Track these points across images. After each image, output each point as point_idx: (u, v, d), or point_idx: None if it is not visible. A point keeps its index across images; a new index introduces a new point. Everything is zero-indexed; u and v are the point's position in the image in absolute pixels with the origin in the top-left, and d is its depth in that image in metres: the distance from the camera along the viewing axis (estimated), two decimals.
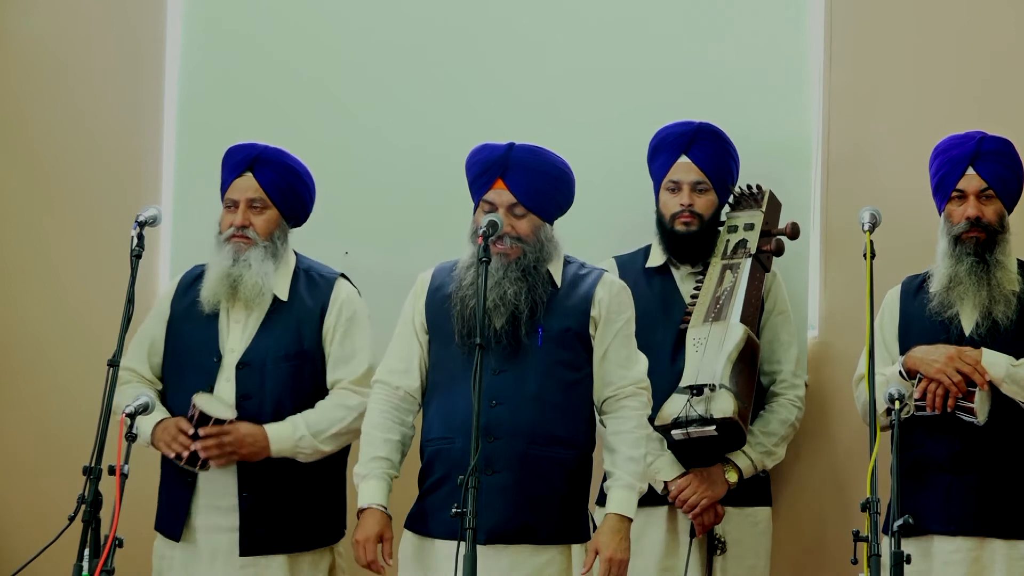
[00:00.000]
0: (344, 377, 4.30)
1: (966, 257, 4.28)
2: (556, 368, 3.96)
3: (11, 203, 5.29)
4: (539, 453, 3.91)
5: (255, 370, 4.25)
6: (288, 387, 4.26)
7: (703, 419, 4.27)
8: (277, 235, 4.35)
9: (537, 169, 4.05)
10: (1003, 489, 4.21)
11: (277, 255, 4.33)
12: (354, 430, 4.24)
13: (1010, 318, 4.26)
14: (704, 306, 4.51)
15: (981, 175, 4.30)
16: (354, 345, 4.32)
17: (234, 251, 4.28)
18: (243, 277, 4.26)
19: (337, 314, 4.33)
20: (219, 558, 4.20)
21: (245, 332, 4.29)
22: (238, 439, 4.13)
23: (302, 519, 4.26)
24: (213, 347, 4.28)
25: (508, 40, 5.08)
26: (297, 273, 4.38)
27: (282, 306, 4.32)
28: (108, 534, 3.56)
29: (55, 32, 5.32)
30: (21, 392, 5.22)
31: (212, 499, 4.21)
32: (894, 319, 4.41)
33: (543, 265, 4.02)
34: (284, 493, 4.23)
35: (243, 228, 4.30)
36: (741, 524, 4.53)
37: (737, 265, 4.55)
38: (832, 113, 4.95)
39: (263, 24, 5.19)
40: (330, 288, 4.37)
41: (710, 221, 4.61)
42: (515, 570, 3.88)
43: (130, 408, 3.87)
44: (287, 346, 4.28)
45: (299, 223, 4.47)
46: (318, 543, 4.29)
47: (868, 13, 4.97)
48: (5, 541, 5.16)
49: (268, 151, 4.40)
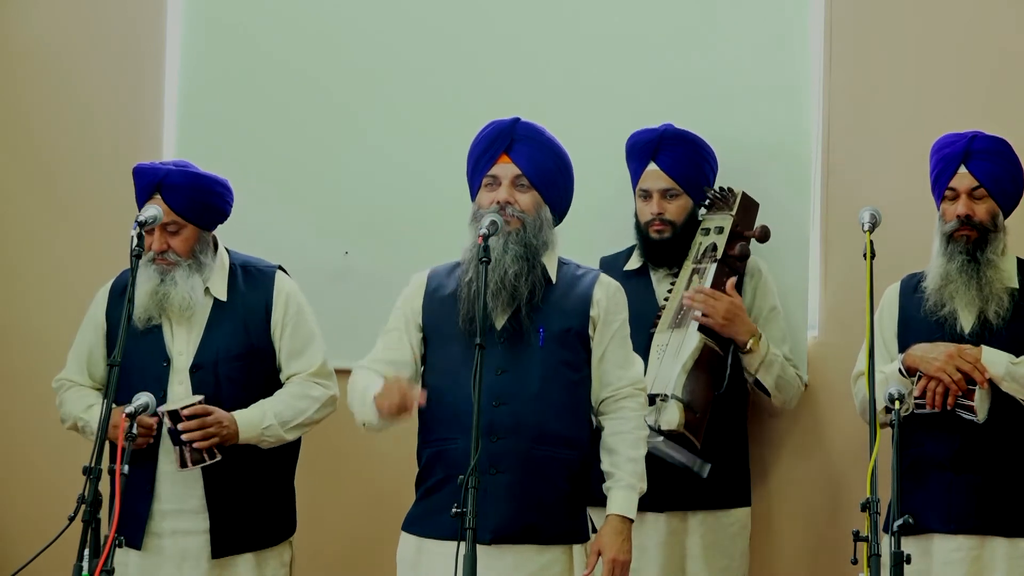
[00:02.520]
0: (302, 370, 4.35)
1: (957, 255, 4.29)
2: (558, 368, 3.95)
3: (11, 203, 5.30)
4: (543, 453, 3.91)
5: (208, 372, 4.27)
6: (243, 385, 4.29)
7: (653, 430, 4.29)
8: (198, 249, 4.35)
9: (541, 144, 4.06)
10: (1003, 487, 4.21)
11: (203, 266, 4.34)
12: (315, 420, 4.34)
13: (1003, 317, 4.25)
14: (671, 311, 4.52)
15: (973, 173, 4.30)
16: (305, 338, 4.37)
17: (159, 271, 4.30)
18: (170, 295, 4.28)
19: (284, 308, 4.37)
20: (188, 561, 4.22)
21: (192, 334, 4.31)
22: (217, 419, 4.16)
23: (265, 516, 4.31)
24: (161, 352, 4.29)
25: (507, 43, 5.08)
26: (233, 270, 4.40)
27: (224, 306, 4.34)
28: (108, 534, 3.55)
29: (55, 32, 5.32)
30: (21, 392, 5.22)
31: (177, 503, 4.22)
32: (893, 317, 4.41)
33: (542, 249, 4.01)
34: (247, 492, 4.27)
35: (162, 252, 4.31)
36: (713, 527, 4.52)
37: (704, 269, 4.55)
38: (832, 113, 4.95)
39: (263, 24, 5.19)
40: (271, 282, 4.40)
41: (685, 225, 4.61)
42: (518, 570, 3.87)
43: (130, 408, 3.87)
44: (237, 345, 4.31)
45: (221, 222, 4.45)
46: (279, 538, 4.35)
47: (868, 14, 4.96)
48: (5, 541, 5.16)
49: (171, 175, 4.33)
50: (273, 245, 4.95)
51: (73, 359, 4.42)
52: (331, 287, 5.03)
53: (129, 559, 4.23)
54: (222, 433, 4.17)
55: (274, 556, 4.33)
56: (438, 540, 3.91)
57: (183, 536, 4.22)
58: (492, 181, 4.03)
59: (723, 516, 4.53)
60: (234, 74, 5.18)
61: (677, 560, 4.50)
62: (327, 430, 4.58)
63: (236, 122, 5.11)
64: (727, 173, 4.72)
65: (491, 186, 4.03)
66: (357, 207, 5.07)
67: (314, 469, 4.78)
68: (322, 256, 4.91)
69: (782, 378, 4.54)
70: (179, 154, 5.16)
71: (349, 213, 5.06)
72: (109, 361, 3.80)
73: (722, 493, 4.53)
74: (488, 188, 4.03)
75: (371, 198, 5.07)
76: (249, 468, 4.27)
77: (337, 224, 5.04)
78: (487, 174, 4.04)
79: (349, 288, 5.04)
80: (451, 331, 4.00)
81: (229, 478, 4.23)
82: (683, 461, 4.40)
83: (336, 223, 5.03)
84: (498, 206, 3.97)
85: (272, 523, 4.33)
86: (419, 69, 5.10)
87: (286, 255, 4.74)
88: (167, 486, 4.22)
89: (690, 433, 4.31)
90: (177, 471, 4.18)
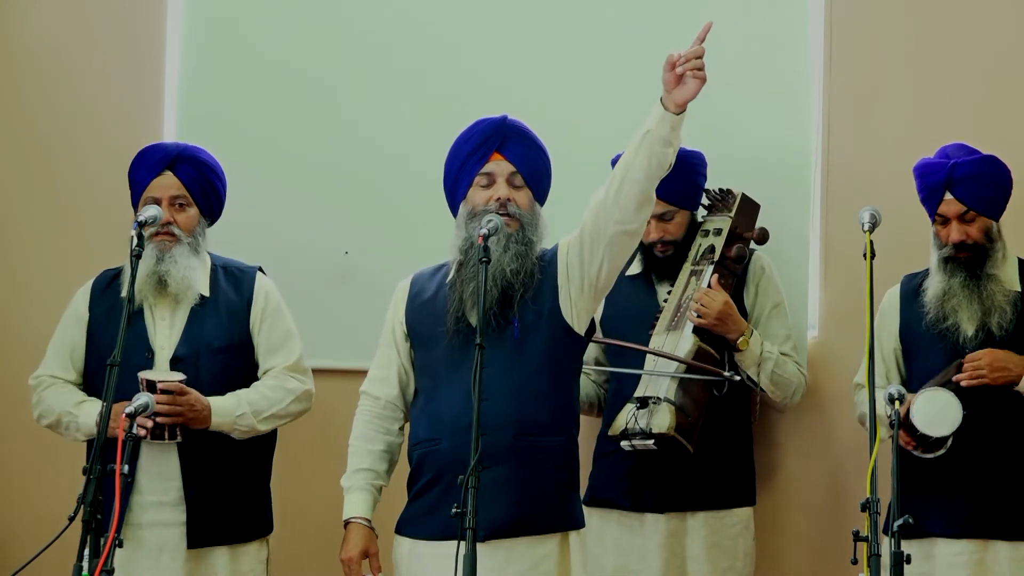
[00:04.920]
0: (279, 364, 4.37)
1: (958, 272, 4.30)
2: (536, 356, 3.94)
3: (11, 203, 5.30)
4: (528, 444, 3.90)
5: (189, 365, 4.27)
6: (222, 379, 4.30)
7: (643, 432, 4.29)
8: (198, 232, 4.40)
9: (531, 141, 4.08)
10: (1006, 491, 4.21)
11: (199, 251, 4.38)
12: (290, 413, 4.36)
13: (1005, 328, 4.26)
14: (669, 313, 4.52)
15: (959, 199, 4.29)
16: (282, 334, 4.39)
17: (158, 249, 4.31)
18: (170, 272, 4.30)
19: (263, 305, 4.39)
20: (165, 552, 4.23)
21: (173, 328, 4.33)
22: (190, 400, 4.17)
23: (242, 511, 4.32)
24: (144, 344, 4.30)
25: (508, 43, 5.08)
26: (215, 270, 4.43)
27: (206, 301, 4.36)
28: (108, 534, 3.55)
29: (55, 31, 5.32)
30: (21, 392, 5.22)
31: (155, 495, 4.23)
32: (893, 333, 4.41)
33: (538, 246, 4.01)
34: (225, 486, 4.28)
35: (167, 225, 4.32)
36: (715, 527, 4.51)
37: (701, 271, 4.55)
38: (832, 114, 4.95)
39: (263, 24, 5.19)
40: (252, 281, 4.43)
41: (686, 235, 4.61)
42: (514, 564, 3.87)
43: (130, 408, 3.87)
44: (218, 339, 4.33)
45: (214, 220, 4.50)
46: (256, 534, 4.36)
47: (868, 17, 4.96)
48: (5, 541, 5.16)
49: (187, 149, 4.43)
50: (273, 245, 4.96)
51: (53, 355, 4.43)
52: (331, 287, 5.03)
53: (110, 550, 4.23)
54: (189, 415, 4.17)
55: (250, 552, 4.34)
56: (428, 541, 3.93)
57: (160, 528, 4.23)
58: (487, 179, 4.02)
59: (725, 516, 4.52)
60: (234, 73, 5.18)
61: (678, 561, 4.49)
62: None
63: (236, 121, 5.11)
64: (727, 174, 4.72)
65: (486, 184, 4.02)
66: (357, 207, 5.07)
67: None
68: (322, 256, 4.91)
69: (779, 375, 4.53)
70: None
71: (349, 213, 5.06)
72: (109, 361, 3.80)
73: (723, 493, 4.52)
74: (482, 186, 4.02)
75: (371, 198, 5.07)
76: (226, 462, 4.29)
77: (337, 224, 5.04)
78: (480, 172, 4.03)
79: (349, 288, 5.04)
80: (433, 333, 4.02)
81: (206, 472, 4.25)
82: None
83: (336, 223, 5.03)
84: (497, 203, 3.97)
85: (248, 519, 4.34)
86: (420, 69, 5.10)
87: (286, 255, 4.75)
88: (148, 478, 4.23)
89: (682, 437, 4.29)
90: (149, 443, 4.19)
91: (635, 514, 4.49)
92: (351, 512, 4.05)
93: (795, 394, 4.61)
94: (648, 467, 4.44)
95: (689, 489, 4.47)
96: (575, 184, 4.22)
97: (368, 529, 4.03)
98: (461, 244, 4.01)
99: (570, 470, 3.98)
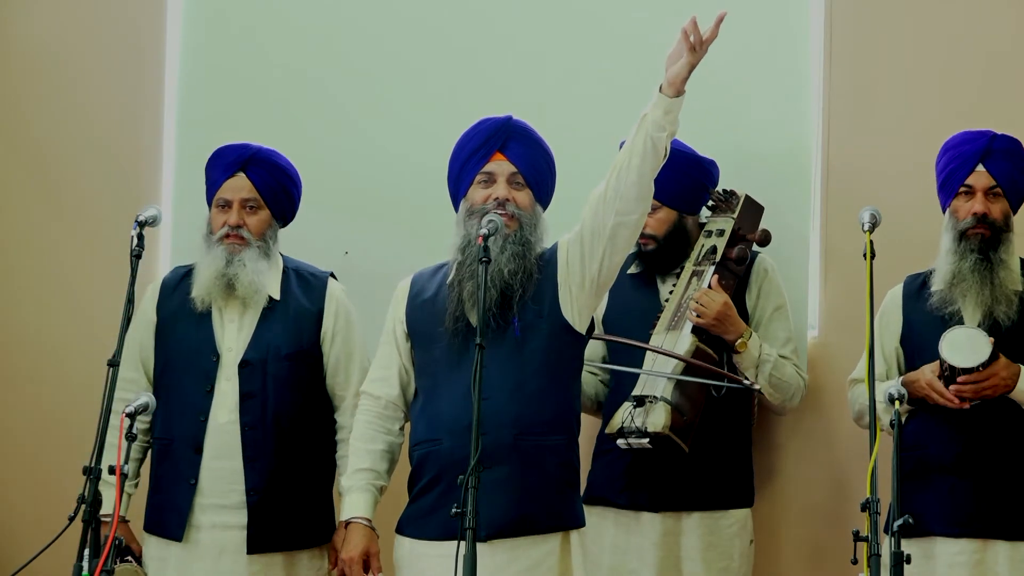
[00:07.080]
0: (345, 382, 4.33)
1: (970, 254, 4.26)
2: (536, 354, 3.95)
3: (11, 203, 5.30)
4: (529, 443, 3.91)
5: (257, 369, 4.25)
6: (289, 385, 4.28)
7: (639, 431, 4.29)
8: (269, 235, 4.39)
9: (534, 142, 4.09)
10: (1006, 490, 4.20)
11: (269, 255, 4.37)
12: None
13: (1011, 318, 4.25)
14: (669, 312, 4.52)
15: (991, 172, 4.29)
16: (350, 349, 4.36)
17: (228, 251, 4.30)
18: (239, 276, 4.28)
19: (335, 317, 4.37)
20: (226, 555, 4.21)
21: (242, 331, 4.30)
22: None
23: (303, 517, 4.27)
24: (211, 346, 4.28)
25: (508, 43, 5.08)
26: (287, 273, 4.41)
27: (276, 305, 4.33)
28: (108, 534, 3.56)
29: (55, 32, 5.32)
30: (22, 392, 5.22)
31: (217, 498, 4.21)
32: (894, 332, 4.39)
33: (537, 247, 4.02)
34: (287, 491, 4.24)
35: (237, 228, 4.32)
36: (711, 527, 4.50)
37: (703, 272, 4.55)
38: (832, 113, 4.94)
39: (263, 23, 5.20)
40: (324, 288, 4.41)
41: (669, 234, 4.59)
42: (515, 563, 3.88)
43: (130, 408, 3.87)
44: (287, 345, 4.30)
45: (286, 223, 4.50)
46: (316, 541, 4.31)
47: (868, 17, 4.96)
48: (5, 541, 5.16)
49: (261, 152, 4.42)
50: None
51: (128, 358, 4.31)
52: None
53: (170, 551, 4.23)
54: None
55: (307, 559, 4.29)
56: (429, 541, 3.93)
57: (223, 530, 4.21)
58: (487, 178, 4.04)
59: (721, 517, 4.52)
60: (234, 73, 5.18)
61: (673, 560, 4.49)
62: None
63: (236, 121, 5.11)
64: (727, 174, 4.71)
65: (486, 183, 4.03)
66: (358, 207, 5.07)
67: None
68: (322, 256, 4.90)
69: (777, 377, 4.53)
70: (179, 154, 5.17)
71: (349, 213, 5.06)
72: (108, 361, 3.80)
73: (720, 494, 4.52)
74: (482, 185, 4.03)
75: (372, 198, 5.08)
76: (289, 469, 4.25)
77: (337, 224, 5.04)
78: (481, 171, 4.04)
79: (349, 288, 5.03)
80: (433, 332, 4.03)
81: (269, 477, 4.21)
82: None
83: (336, 223, 5.03)
84: (496, 203, 3.98)
85: (309, 525, 4.29)
86: (420, 69, 5.10)
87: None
88: (210, 481, 4.21)
89: (676, 436, 4.29)
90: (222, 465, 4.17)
91: (631, 513, 4.49)
92: (351, 512, 4.05)
93: (793, 397, 4.61)
94: (645, 466, 4.44)
95: (685, 489, 4.47)
96: (575, 184, 4.21)
97: (369, 529, 4.04)
98: (460, 242, 4.02)
99: (571, 469, 3.98)
